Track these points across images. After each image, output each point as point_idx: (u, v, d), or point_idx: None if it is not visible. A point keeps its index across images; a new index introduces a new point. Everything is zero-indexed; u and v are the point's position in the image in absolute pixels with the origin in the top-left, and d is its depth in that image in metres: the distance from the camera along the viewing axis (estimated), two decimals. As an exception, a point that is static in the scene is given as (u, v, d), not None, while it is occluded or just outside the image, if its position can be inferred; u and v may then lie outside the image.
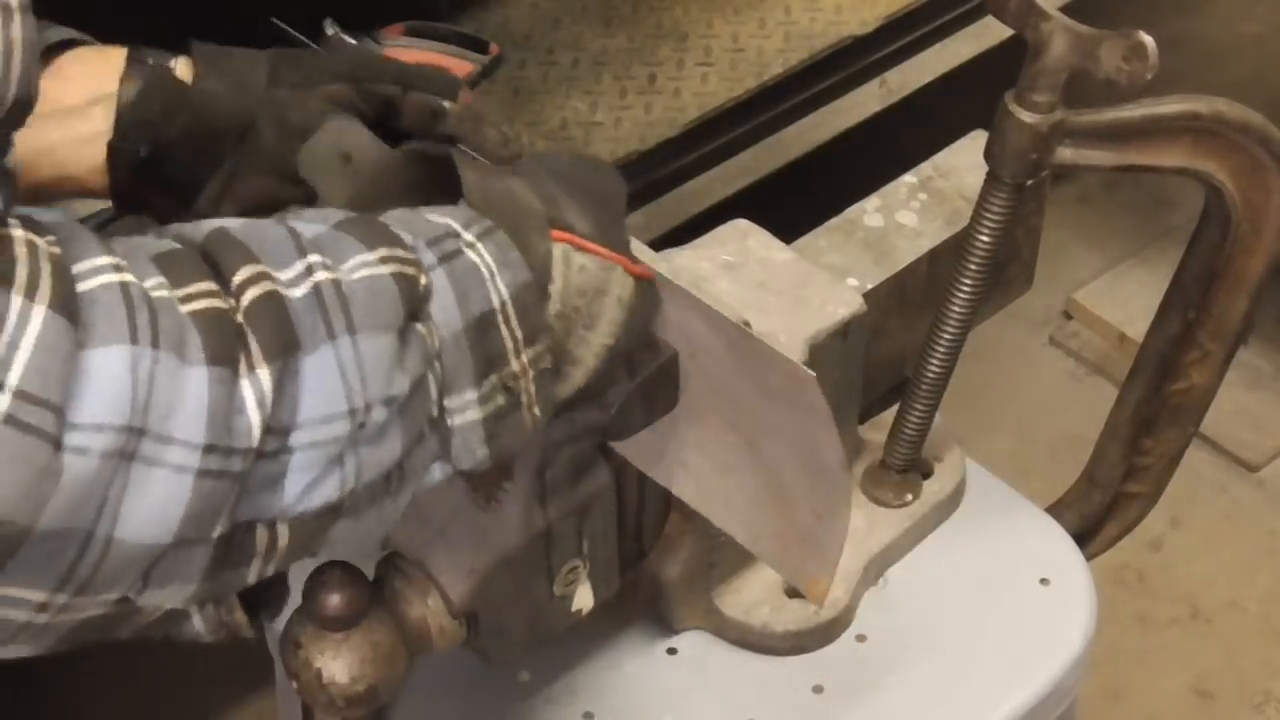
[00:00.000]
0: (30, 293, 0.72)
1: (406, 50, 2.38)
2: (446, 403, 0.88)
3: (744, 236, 1.34)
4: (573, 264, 0.93)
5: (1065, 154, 1.21)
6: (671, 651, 1.32)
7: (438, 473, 0.90)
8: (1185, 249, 1.34)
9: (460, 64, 2.37)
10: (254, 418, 0.78)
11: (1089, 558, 1.44)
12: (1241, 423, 2.55)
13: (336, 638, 1.06)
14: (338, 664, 1.06)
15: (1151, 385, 1.41)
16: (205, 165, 1.04)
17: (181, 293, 0.78)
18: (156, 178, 1.04)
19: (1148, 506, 1.51)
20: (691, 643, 1.32)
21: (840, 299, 1.29)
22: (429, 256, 0.87)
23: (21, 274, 0.72)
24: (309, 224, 0.86)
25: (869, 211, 1.42)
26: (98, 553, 0.76)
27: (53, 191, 1.04)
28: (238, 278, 0.80)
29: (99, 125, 1.03)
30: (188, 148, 1.04)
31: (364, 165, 1.02)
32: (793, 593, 1.32)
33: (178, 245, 0.81)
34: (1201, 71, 2.87)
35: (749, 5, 2.45)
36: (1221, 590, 2.41)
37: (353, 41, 2.35)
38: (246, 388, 0.78)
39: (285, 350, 0.79)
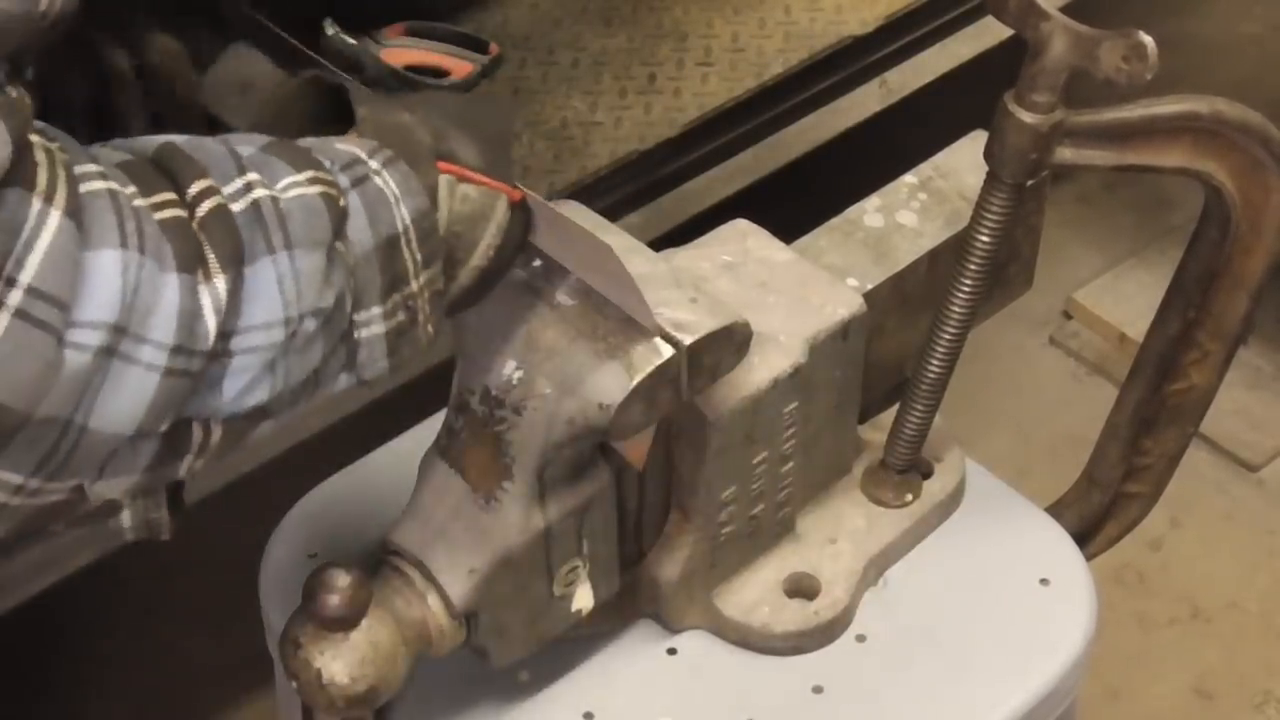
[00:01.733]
0: (49, 197, 0.78)
1: (406, 50, 2.38)
2: (356, 317, 0.93)
3: (744, 237, 1.34)
4: (456, 194, 0.99)
5: (1065, 154, 1.21)
6: (671, 651, 1.32)
7: (344, 381, 0.96)
8: (1185, 249, 1.34)
9: (460, 64, 2.37)
10: (211, 322, 0.84)
11: (1089, 558, 1.44)
12: (1241, 423, 2.55)
13: (336, 638, 1.06)
14: (338, 664, 1.06)
15: (1151, 385, 1.41)
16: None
17: (149, 201, 0.83)
18: (113, 30, 1.15)
19: (1148, 506, 1.51)
20: (691, 643, 1.32)
21: (840, 299, 1.29)
22: (343, 180, 0.93)
23: (42, 178, 0.78)
24: (241, 144, 0.91)
25: (869, 211, 1.42)
26: (72, 441, 0.81)
27: None
28: (192, 190, 0.85)
29: None
30: None
31: (263, 93, 1.10)
32: (793, 593, 1.32)
33: (131, 156, 0.86)
34: (1201, 71, 2.87)
35: (749, 5, 2.44)
36: (1221, 590, 2.41)
37: (353, 42, 2.35)
38: (205, 294, 0.83)
39: (235, 261, 0.85)
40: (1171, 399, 1.41)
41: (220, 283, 0.84)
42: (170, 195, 0.84)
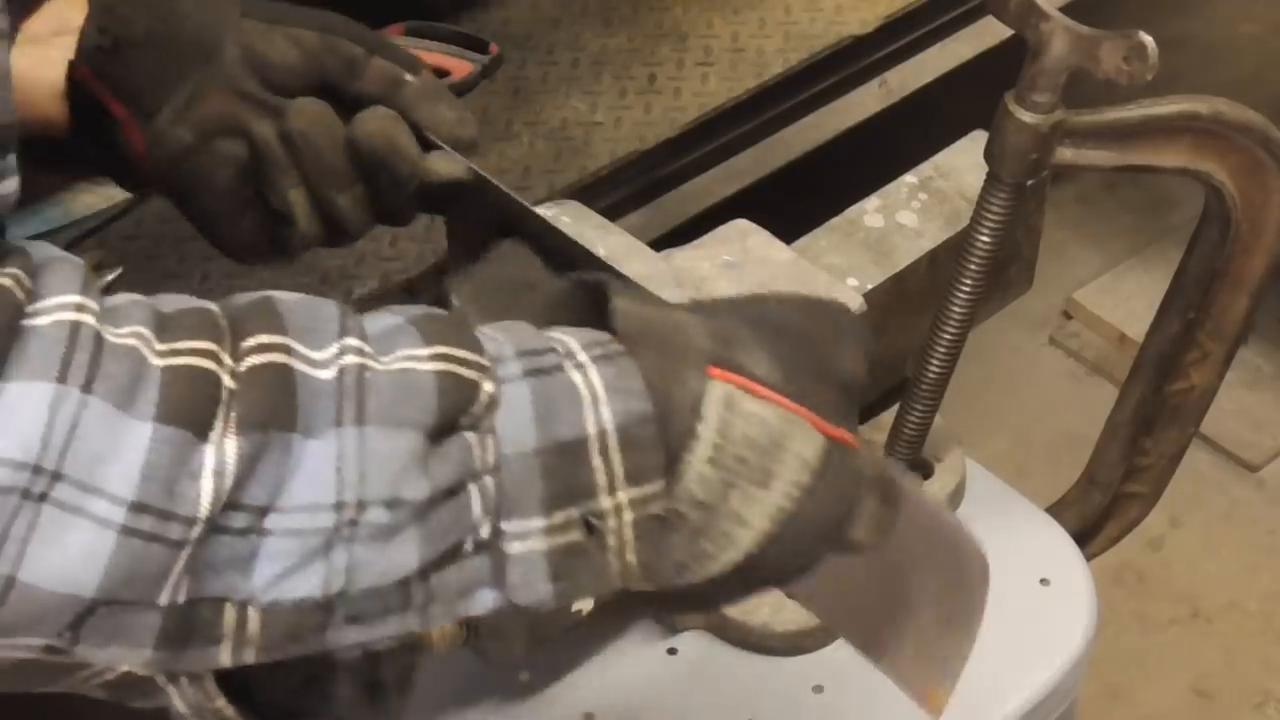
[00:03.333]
0: None
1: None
2: (504, 525, 0.79)
3: (744, 236, 1.34)
4: (739, 409, 0.82)
5: (1065, 154, 1.21)
6: (672, 652, 1.32)
7: (488, 599, 0.81)
8: (1185, 249, 1.34)
9: (460, 64, 2.37)
10: (207, 486, 0.73)
11: (1089, 558, 1.44)
12: (1241, 423, 2.55)
13: (336, 638, 1.06)
14: (338, 664, 1.06)
15: (1151, 385, 1.41)
16: (168, 80, 1.04)
17: (166, 346, 0.74)
18: (121, 89, 1.04)
19: (1148, 506, 1.51)
20: (691, 643, 1.32)
21: (840, 299, 1.29)
22: (512, 367, 0.80)
23: None
24: (389, 315, 0.80)
25: (869, 211, 1.42)
26: (1, 591, 0.72)
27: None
28: (249, 342, 0.76)
29: (62, 52, 1.04)
30: (153, 56, 1.04)
31: (540, 294, 0.95)
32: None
33: (208, 305, 0.77)
34: (1201, 71, 2.87)
35: (749, 5, 2.44)
36: (1221, 590, 2.41)
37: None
38: (208, 454, 0.73)
39: (272, 424, 0.74)
40: (1171, 399, 1.41)
41: (232, 445, 0.73)
42: (206, 345, 0.74)
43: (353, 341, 0.77)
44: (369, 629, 0.79)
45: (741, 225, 1.36)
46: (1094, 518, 1.52)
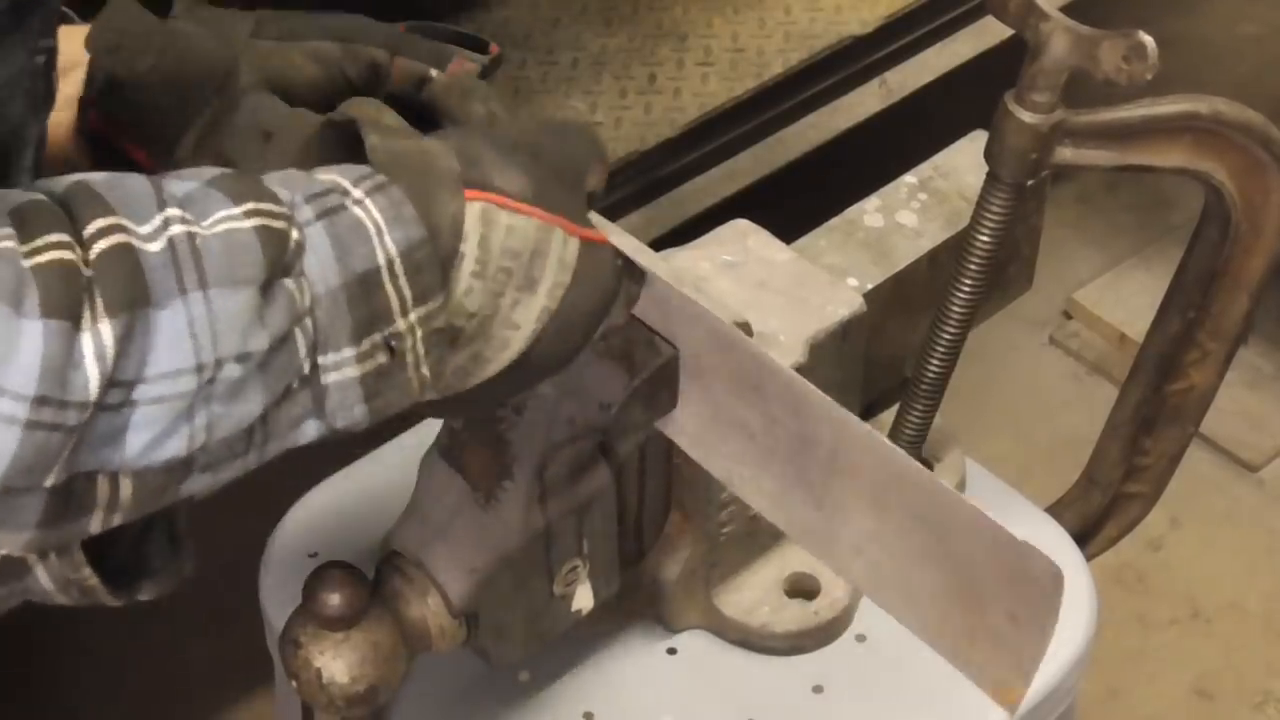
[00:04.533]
0: None
1: (406, 50, 2.38)
2: (320, 359, 0.86)
3: (744, 236, 1.34)
4: (497, 223, 0.90)
5: (1065, 154, 1.21)
6: (671, 651, 1.32)
7: (311, 430, 0.88)
8: (1185, 249, 1.34)
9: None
10: (92, 371, 0.77)
11: (1089, 558, 1.44)
12: (1241, 423, 2.55)
13: (336, 637, 1.06)
14: (338, 664, 1.06)
15: (1151, 385, 1.41)
16: (182, 115, 1.04)
17: (28, 246, 0.77)
18: (134, 130, 1.04)
19: (1148, 507, 1.51)
20: (691, 643, 1.32)
21: (840, 299, 1.29)
22: (306, 212, 0.85)
23: None
24: (182, 181, 0.85)
25: (869, 212, 1.42)
26: None
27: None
28: (90, 229, 0.79)
29: (72, 90, 1.04)
30: (163, 92, 1.03)
31: (281, 144, 1.01)
32: (793, 593, 1.32)
33: (40, 196, 0.81)
34: (1201, 71, 2.87)
35: (749, 5, 2.45)
36: (1221, 590, 2.41)
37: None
38: (87, 341, 0.77)
39: (133, 303, 0.79)
40: (1171, 399, 1.41)
41: (106, 328, 0.77)
42: (58, 237, 0.78)
43: (174, 212, 0.81)
44: (217, 474, 0.85)
45: (741, 225, 1.36)
46: (1094, 518, 1.52)
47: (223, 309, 0.81)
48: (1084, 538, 1.50)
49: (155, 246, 0.80)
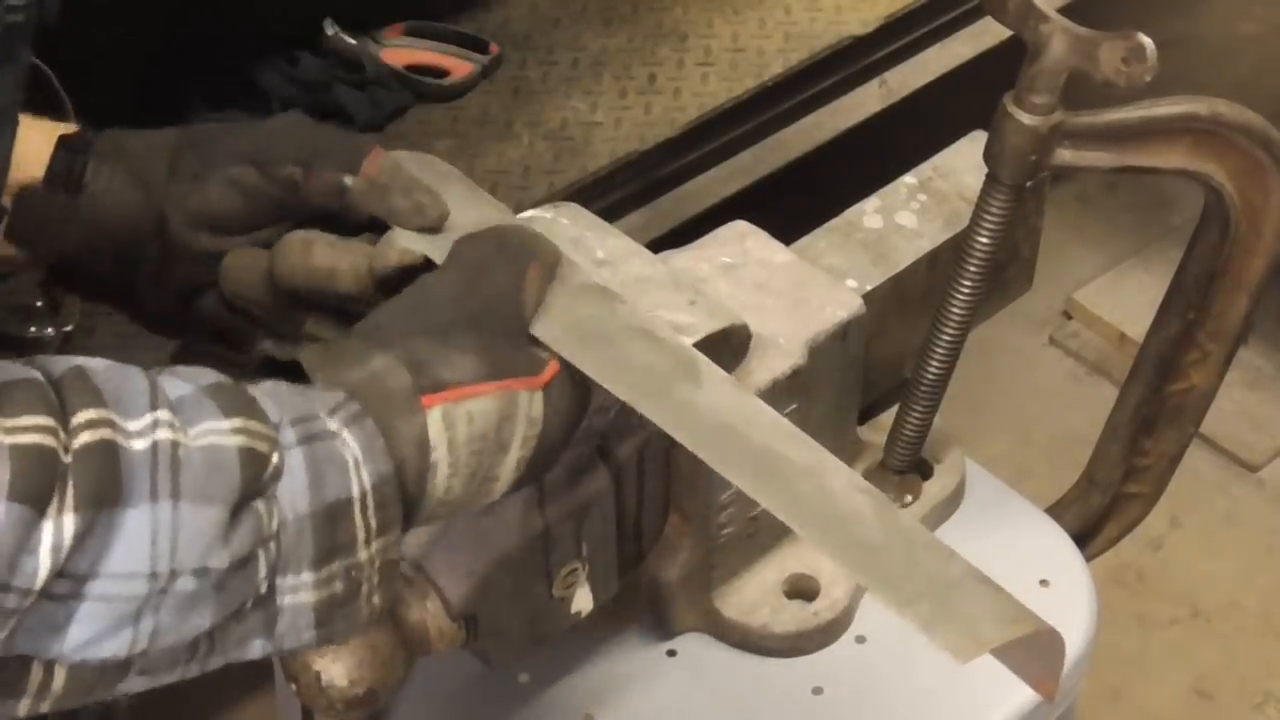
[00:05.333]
0: None
1: (406, 50, 2.38)
2: (278, 582, 0.85)
3: (743, 238, 1.34)
4: (458, 420, 0.91)
5: (1064, 155, 1.21)
6: (671, 654, 1.32)
7: (257, 649, 0.87)
8: (1185, 249, 1.34)
9: (460, 64, 2.37)
10: (45, 560, 0.76)
11: (1089, 558, 1.44)
12: (1241, 423, 2.55)
13: (335, 640, 1.06)
14: (337, 667, 1.06)
15: (1151, 385, 1.41)
16: (122, 262, 1.05)
17: (11, 423, 0.76)
18: (79, 278, 1.06)
19: (1148, 507, 1.51)
20: (691, 645, 1.32)
21: (839, 300, 1.29)
22: (290, 435, 0.85)
23: None
24: (179, 381, 0.85)
25: (868, 212, 1.41)
26: None
27: None
28: (78, 419, 0.79)
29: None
30: (96, 252, 1.05)
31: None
32: (793, 594, 1.32)
33: (35, 375, 0.80)
34: (1201, 72, 2.87)
35: (749, 5, 2.45)
36: (1221, 590, 2.41)
37: (353, 41, 2.35)
38: (47, 530, 0.76)
39: (101, 501, 0.77)
40: (1171, 399, 1.41)
41: (69, 521, 0.76)
42: (43, 420, 0.77)
43: (164, 415, 0.81)
44: (154, 678, 0.85)
45: (740, 227, 1.35)
46: (1094, 518, 1.52)
47: (189, 522, 0.80)
48: (1084, 538, 1.50)
49: (139, 445, 0.80)
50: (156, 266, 1.05)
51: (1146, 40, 1.12)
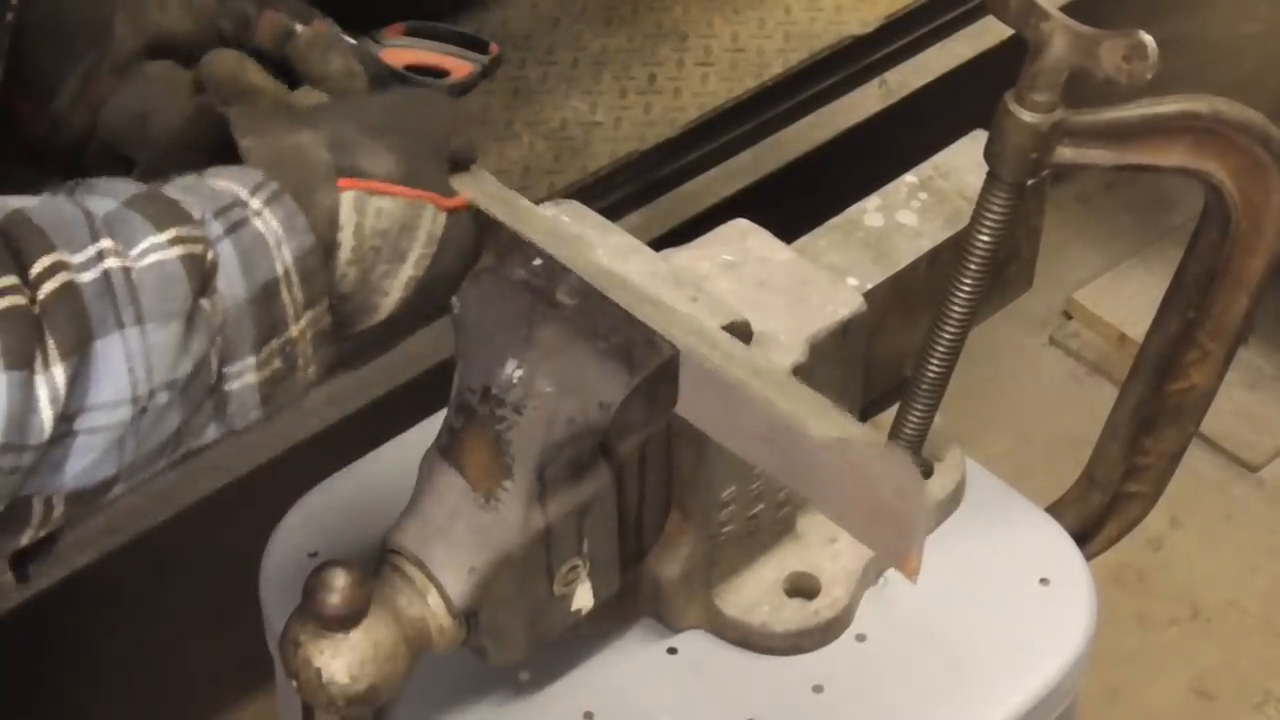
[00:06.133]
0: None
1: (406, 50, 2.38)
2: (225, 369, 0.89)
3: (744, 236, 1.34)
4: (367, 209, 0.94)
5: (1065, 154, 1.21)
6: (671, 651, 1.32)
7: (212, 433, 0.91)
8: (1185, 249, 1.34)
9: (460, 64, 2.37)
10: (47, 414, 0.80)
11: (1089, 558, 1.44)
12: (1241, 423, 2.55)
13: (336, 637, 1.06)
14: (338, 663, 1.06)
15: (1151, 385, 1.41)
16: (61, 65, 1.05)
17: None
18: (18, 86, 1.05)
19: (1148, 506, 1.51)
20: (691, 642, 1.32)
21: (840, 299, 1.29)
22: (216, 228, 0.88)
23: None
24: (103, 199, 0.87)
25: (869, 211, 1.41)
26: None
27: None
28: (36, 268, 0.81)
29: None
30: (39, 44, 1.05)
31: (158, 125, 1.04)
32: (793, 592, 1.32)
33: None
34: (1201, 71, 2.86)
35: (749, 5, 2.45)
36: (1221, 590, 2.41)
37: (352, 41, 2.35)
38: (41, 385, 0.79)
39: (79, 344, 0.81)
40: (1171, 399, 1.41)
41: (59, 372, 0.80)
42: (9, 279, 0.80)
43: (106, 243, 0.84)
44: (133, 482, 0.88)
45: (741, 225, 1.36)
46: (1094, 517, 1.52)
47: (156, 342, 0.84)
48: (1084, 538, 1.50)
49: (89, 277, 0.82)
50: (83, 76, 1.06)
51: (1148, 38, 1.12)
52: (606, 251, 1.18)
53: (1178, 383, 1.40)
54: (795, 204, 1.57)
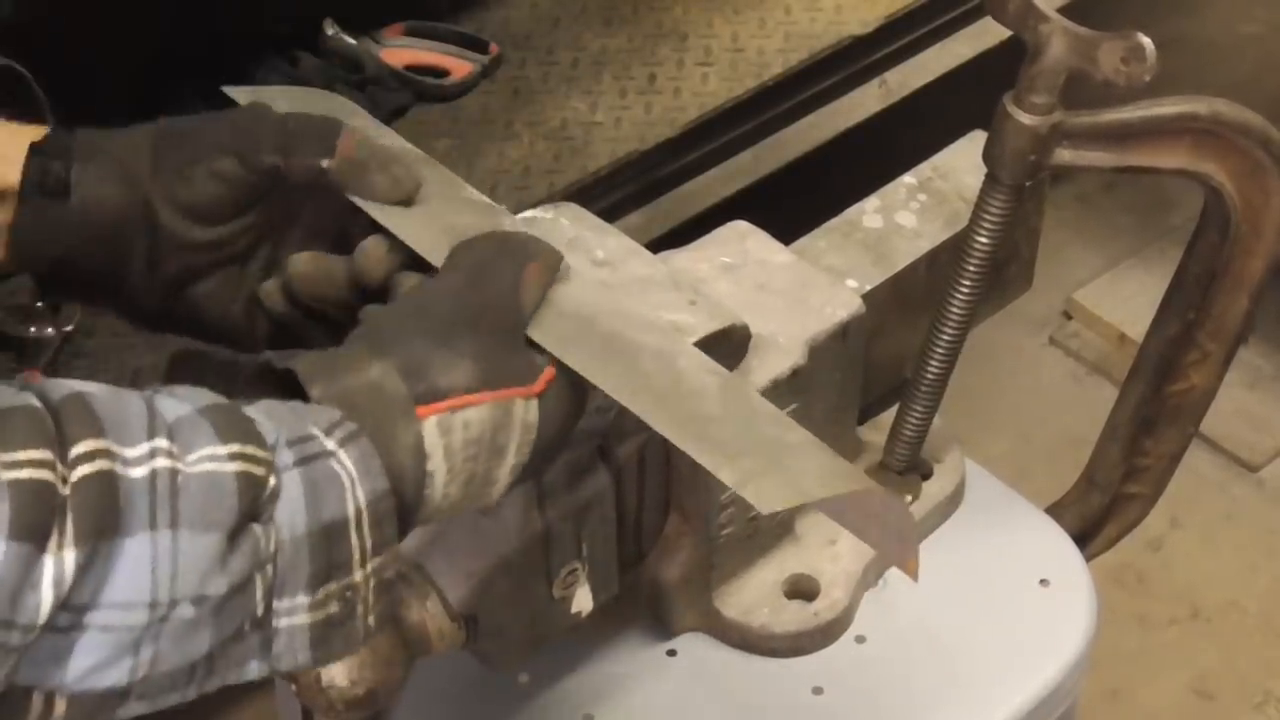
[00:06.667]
0: None
1: (406, 50, 2.38)
2: (275, 604, 0.85)
3: (743, 238, 1.34)
4: (454, 428, 0.91)
5: (1064, 155, 1.21)
6: (671, 654, 1.32)
7: (254, 670, 0.87)
8: (1185, 249, 1.34)
9: (460, 64, 2.37)
10: (47, 596, 0.76)
11: (1089, 558, 1.44)
12: (1241, 423, 2.55)
13: (335, 640, 1.06)
14: (337, 667, 1.06)
15: (1151, 386, 1.41)
16: (114, 259, 1.05)
17: (8, 457, 0.76)
18: (72, 281, 1.06)
19: (1147, 507, 1.51)
20: (691, 645, 1.32)
21: (839, 300, 1.29)
22: (286, 457, 0.85)
23: None
24: (176, 402, 0.84)
25: (868, 212, 1.41)
26: None
27: None
28: (76, 450, 0.78)
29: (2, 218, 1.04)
30: (87, 254, 1.05)
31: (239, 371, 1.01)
32: (793, 594, 1.32)
33: (33, 403, 0.79)
34: (1201, 72, 2.87)
35: (749, 5, 2.45)
36: (1221, 590, 2.41)
37: (353, 41, 2.35)
38: (48, 565, 0.76)
39: (101, 533, 0.77)
40: (1171, 399, 1.41)
41: (71, 556, 0.76)
42: (41, 454, 0.77)
43: (162, 442, 0.81)
44: (153, 703, 0.84)
45: (740, 227, 1.36)
46: (1094, 518, 1.52)
47: (188, 550, 0.80)
48: (1084, 538, 1.50)
49: (137, 473, 0.80)
50: (146, 261, 1.05)
51: (1146, 40, 1.12)
52: (605, 254, 1.18)
53: (1178, 383, 1.40)
54: (795, 204, 1.57)
